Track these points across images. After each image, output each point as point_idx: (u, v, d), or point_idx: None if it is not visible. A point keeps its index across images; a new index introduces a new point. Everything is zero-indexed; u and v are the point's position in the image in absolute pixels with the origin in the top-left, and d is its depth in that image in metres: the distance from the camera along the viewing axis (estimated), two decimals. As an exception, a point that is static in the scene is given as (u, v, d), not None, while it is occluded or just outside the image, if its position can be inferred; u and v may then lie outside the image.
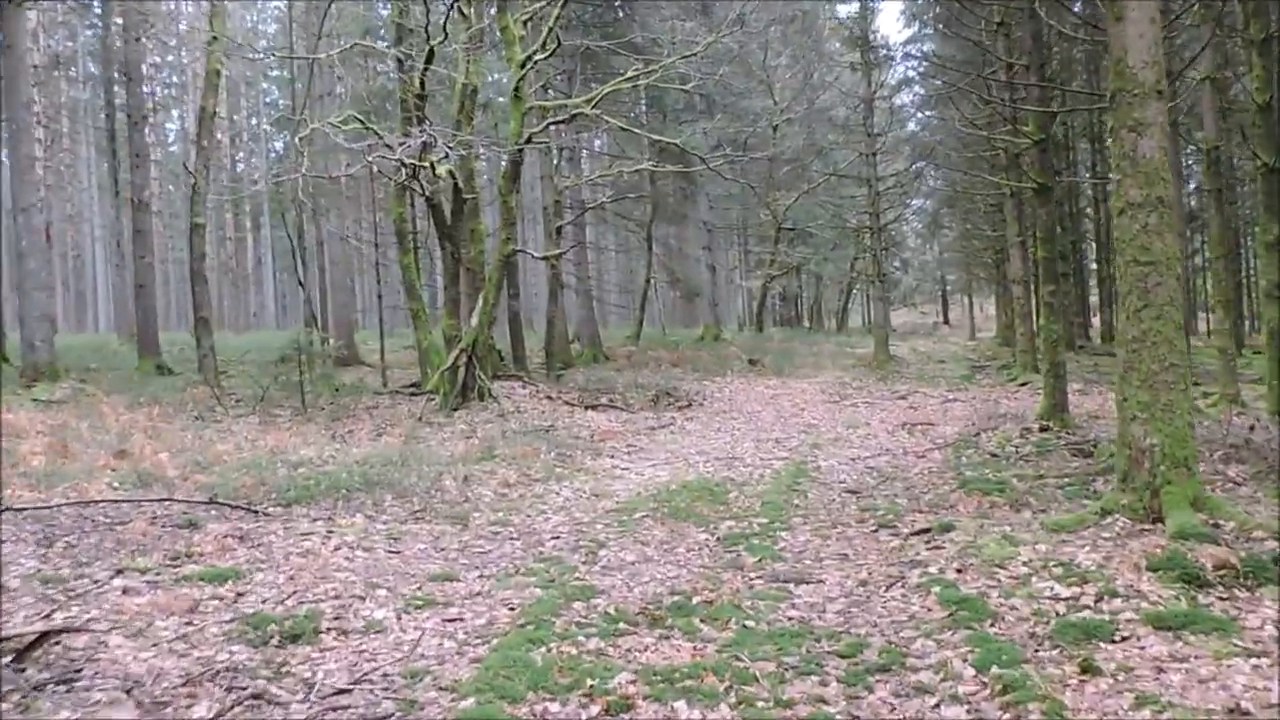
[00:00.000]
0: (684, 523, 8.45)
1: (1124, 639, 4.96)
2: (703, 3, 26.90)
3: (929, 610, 5.74)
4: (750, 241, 43.75)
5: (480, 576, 6.77)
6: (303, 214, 22.70)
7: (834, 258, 40.89)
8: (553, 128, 22.21)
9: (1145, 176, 6.96)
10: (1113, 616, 5.24)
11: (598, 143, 30.34)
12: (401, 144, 14.69)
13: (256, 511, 8.62)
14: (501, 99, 22.84)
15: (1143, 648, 4.83)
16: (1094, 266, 35.55)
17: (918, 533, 7.48)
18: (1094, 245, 32.58)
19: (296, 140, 15.97)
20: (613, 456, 12.77)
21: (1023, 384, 19.44)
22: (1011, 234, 19.49)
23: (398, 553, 7.42)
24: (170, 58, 50.13)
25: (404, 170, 15.67)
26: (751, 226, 40.95)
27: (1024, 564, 6.33)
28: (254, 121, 59.42)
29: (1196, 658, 4.66)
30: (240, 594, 6.19)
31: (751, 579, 6.62)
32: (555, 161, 23.55)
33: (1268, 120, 12.22)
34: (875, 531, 7.88)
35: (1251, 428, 11.49)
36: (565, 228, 22.48)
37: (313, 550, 7.28)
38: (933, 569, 6.40)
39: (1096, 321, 37.02)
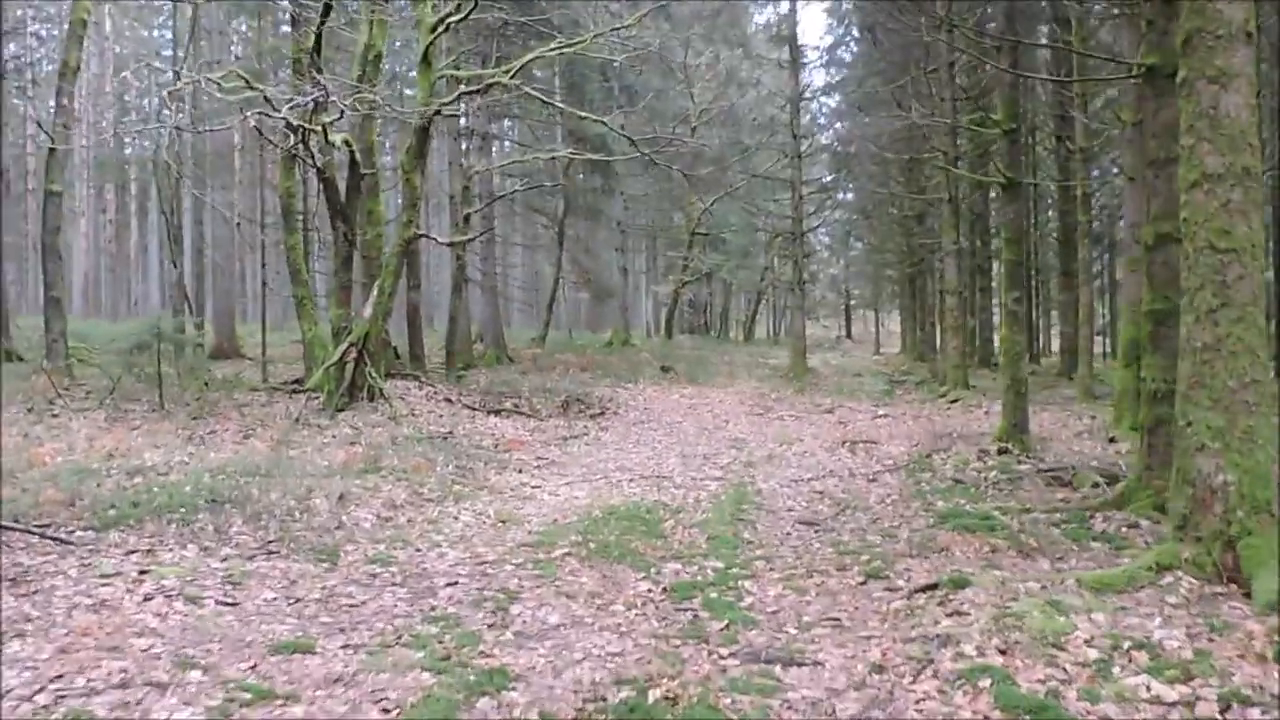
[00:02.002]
0: (617, 564, 6.55)
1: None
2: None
3: (984, 718, 3.99)
4: (660, 246, 42.13)
5: (345, 647, 4.75)
6: (176, 184, 19.98)
7: (746, 265, 39.55)
8: (464, 106, 20.12)
9: (1228, 141, 5.39)
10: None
11: (508, 124, 28.21)
12: (289, 102, 12.43)
13: (56, 539, 6.39)
14: (412, 73, 20.58)
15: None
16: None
17: (923, 589, 5.74)
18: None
19: (165, 94, 13.53)
20: (521, 471, 10.79)
21: (953, 401, 18.14)
22: (947, 241, 18.21)
23: (234, 605, 5.33)
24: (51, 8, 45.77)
25: (292, 135, 13.39)
26: (663, 230, 39.32)
27: (1088, 643, 4.64)
28: (148, 102, 55.26)
29: None
30: (-30, 682, 4.05)
31: (722, 657, 4.77)
32: (464, 146, 21.41)
33: None
34: (864, 584, 6.11)
35: None
36: (473, 217, 20.36)
37: (111, 602, 5.14)
38: (968, 648, 4.65)
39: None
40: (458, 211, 20.93)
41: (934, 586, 5.72)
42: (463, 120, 23.87)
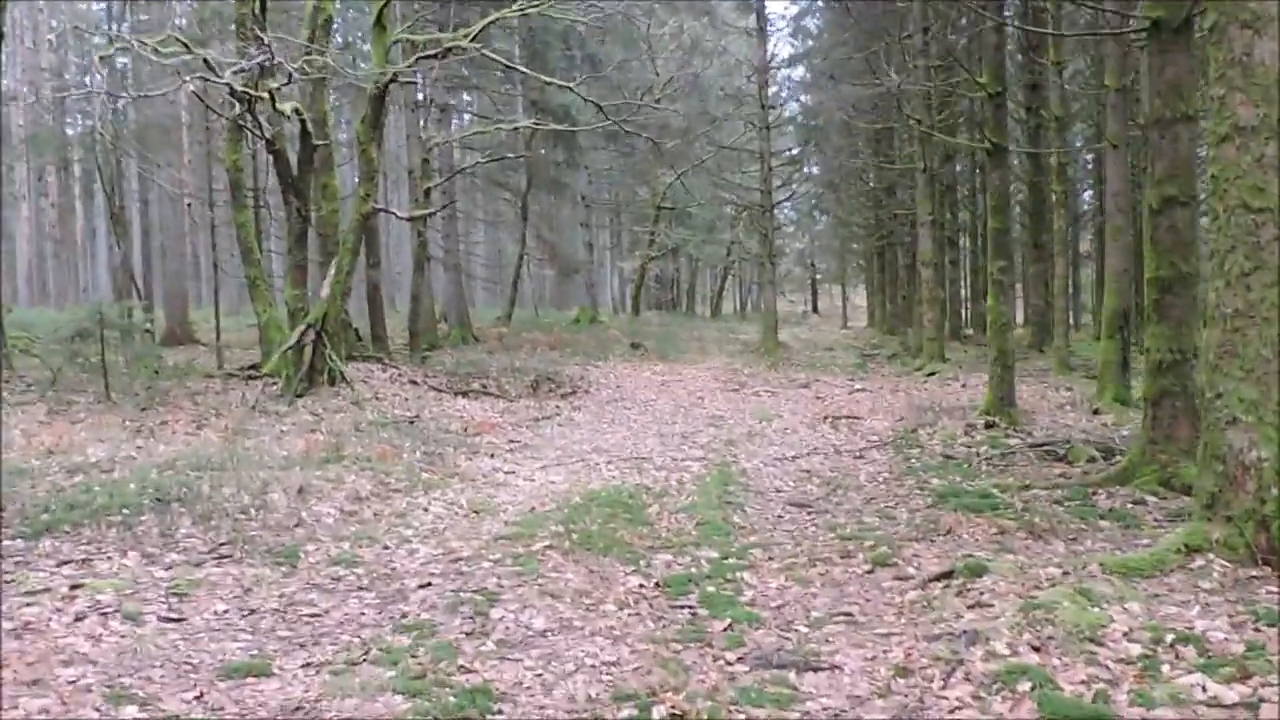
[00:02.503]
0: (603, 556, 6.07)
1: None
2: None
3: (1029, 728, 3.57)
4: (625, 220, 41.49)
5: (306, 666, 4.23)
6: (117, 160, 19.06)
7: (712, 240, 39.05)
8: (422, 77, 19.40)
9: (1262, 91, 4.96)
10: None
11: (468, 97, 27.39)
12: (234, 68, 11.69)
13: (-18, 546, 5.79)
14: (368, 45, 19.77)
15: None
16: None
17: (937, 578, 5.31)
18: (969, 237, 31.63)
19: (97, 59, 12.70)
20: (493, 456, 10.26)
21: (930, 374, 17.82)
22: (923, 211, 17.83)
23: (179, 621, 4.78)
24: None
25: (237, 103, 12.65)
26: (627, 205, 38.69)
27: (1127, 636, 4.24)
28: (89, 80, 53.37)
29: None
30: None
31: (729, 663, 4.31)
32: (423, 120, 20.64)
33: None
34: (872, 572, 5.68)
35: None
36: (434, 191, 19.65)
37: (36, 625, 4.57)
38: (998, 645, 4.22)
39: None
40: (417, 186, 20.20)
41: (949, 575, 5.30)
42: (421, 93, 23.10)
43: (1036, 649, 4.19)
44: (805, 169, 36.06)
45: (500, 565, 5.87)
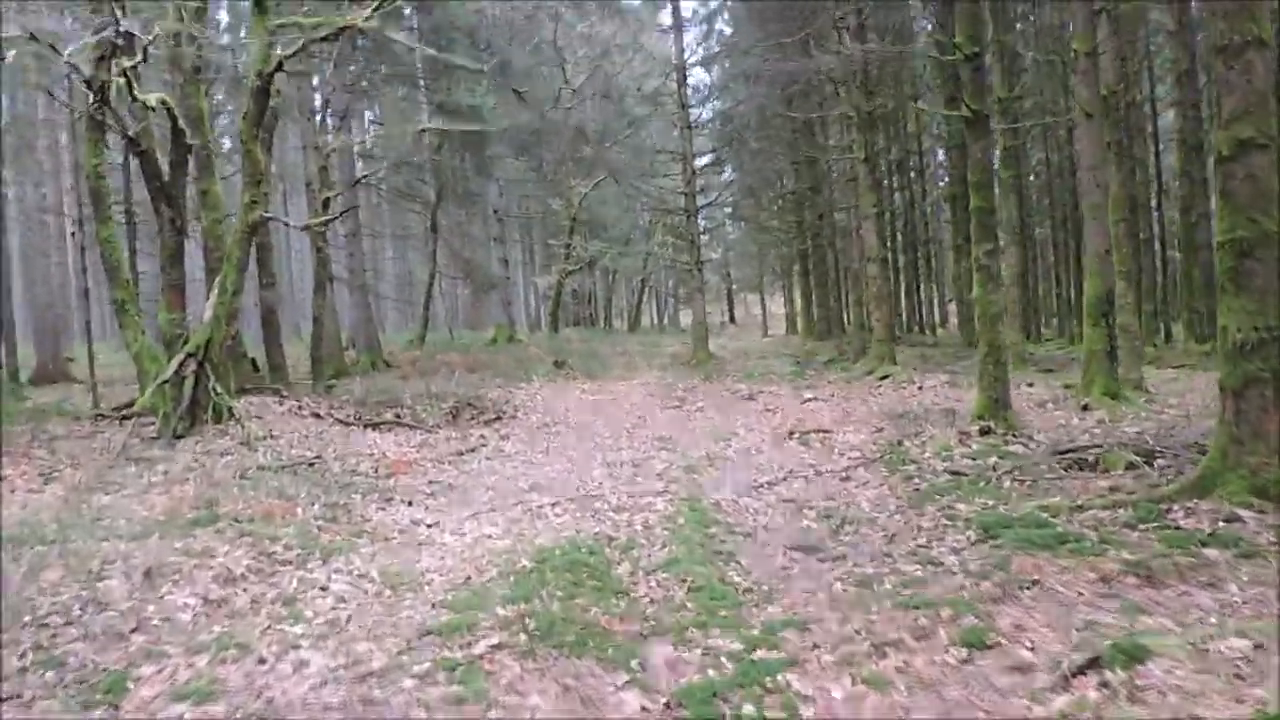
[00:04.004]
0: (576, 659, 4.19)
1: None
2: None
3: None
4: (538, 234, 39.53)
5: None
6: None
7: (629, 252, 37.35)
8: (317, 78, 17.27)
9: None
10: None
11: (370, 116, 25.21)
12: (77, 44, 9.48)
13: None
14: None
15: None
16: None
17: (1081, 670, 3.59)
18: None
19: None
20: (411, 503, 8.26)
21: (882, 377, 16.37)
22: (866, 204, 16.37)
23: None
24: None
25: (90, 93, 10.41)
26: (541, 218, 36.77)
27: None
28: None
29: None
30: None
31: None
32: (319, 128, 18.40)
33: None
34: (969, 661, 3.92)
35: None
36: (333, 202, 17.47)
37: None
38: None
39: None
40: (315, 198, 17.97)
41: (1095, 663, 3.58)
42: (318, 98, 20.90)
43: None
44: (724, 174, 34.68)
45: (429, 682, 3.94)
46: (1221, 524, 5.66)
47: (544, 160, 32.70)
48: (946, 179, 31.65)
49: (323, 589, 5.52)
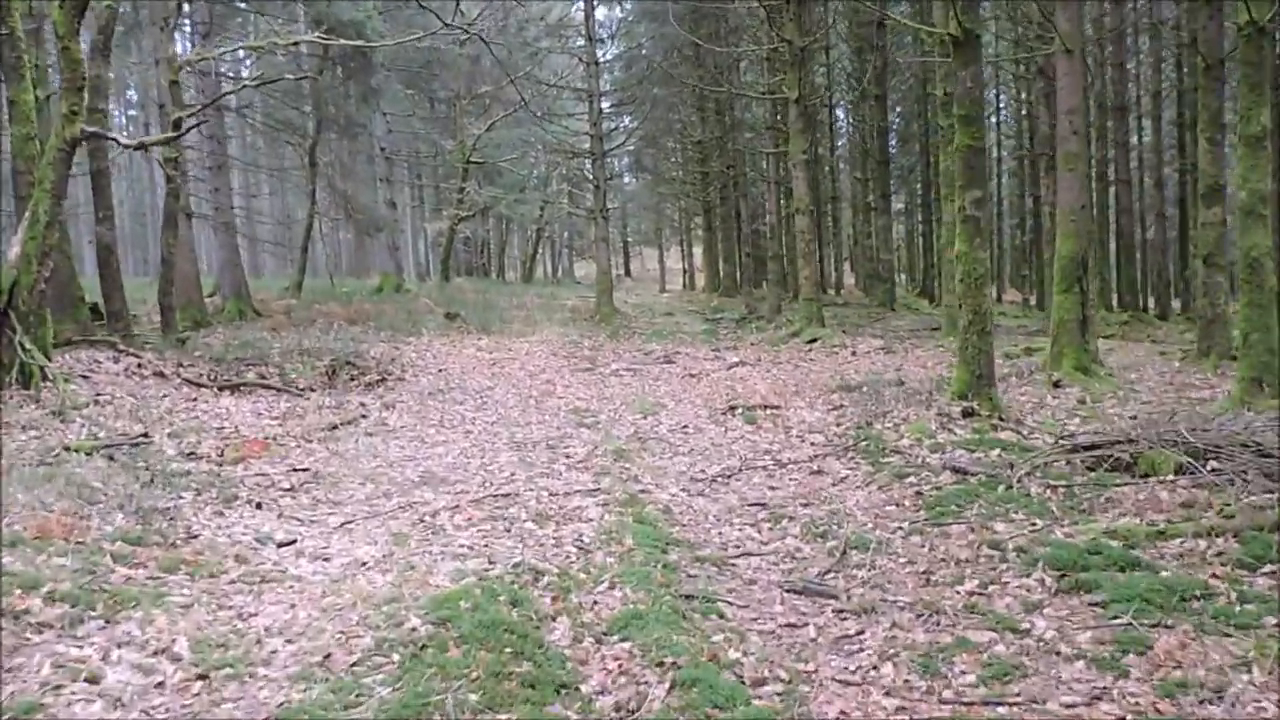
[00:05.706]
0: None
1: None
2: None
3: None
4: (429, 177, 36.57)
5: None
6: None
7: (524, 199, 34.86)
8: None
9: None
10: None
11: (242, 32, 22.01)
12: None
13: None
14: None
15: None
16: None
17: None
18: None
19: None
20: (261, 505, 6.10)
21: (811, 340, 14.76)
22: (795, 150, 14.57)
23: None
24: None
25: None
26: (432, 159, 33.86)
27: None
28: None
29: None
30: None
31: None
32: (170, 23, 15.40)
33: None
34: None
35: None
36: (186, 122, 14.64)
37: None
38: None
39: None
40: (167, 120, 15.09)
41: None
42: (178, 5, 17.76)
43: None
44: (625, 121, 32.53)
45: None
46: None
47: (436, 96, 29.87)
48: (851, 132, 30.38)
49: (90, 683, 3.41)
